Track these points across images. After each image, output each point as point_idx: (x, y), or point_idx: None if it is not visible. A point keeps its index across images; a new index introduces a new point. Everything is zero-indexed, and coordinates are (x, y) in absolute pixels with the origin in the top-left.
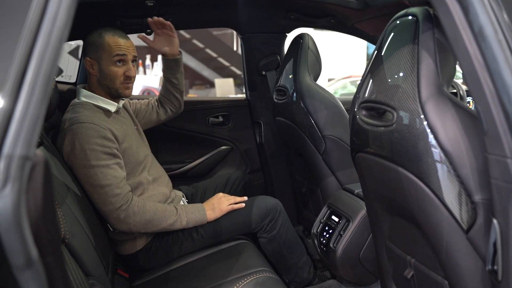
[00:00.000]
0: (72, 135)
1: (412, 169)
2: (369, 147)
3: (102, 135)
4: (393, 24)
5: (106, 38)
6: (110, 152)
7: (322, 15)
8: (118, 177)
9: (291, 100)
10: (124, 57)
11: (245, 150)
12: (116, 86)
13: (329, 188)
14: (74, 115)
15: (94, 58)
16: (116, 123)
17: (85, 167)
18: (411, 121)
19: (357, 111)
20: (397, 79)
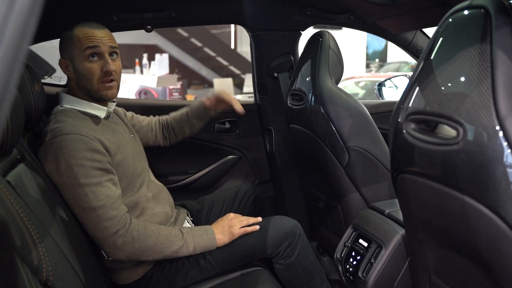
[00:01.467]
0: (55, 150)
1: (484, 200)
2: (420, 168)
3: (91, 147)
4: (451, 20)
5: (75, 31)
6: (102, 167)
7: (342, 11)
8: (112, 196)
9: (310, 105)
10: (97, 49)
11: (254, 160)
12: (94, 86)
13: (352, 206)
14: (56, 125)
15: (67, 57)
16: (107, 131)
17: (73, 186)
18: (485, 140)
19: (404, 124)
20: (461, 87)
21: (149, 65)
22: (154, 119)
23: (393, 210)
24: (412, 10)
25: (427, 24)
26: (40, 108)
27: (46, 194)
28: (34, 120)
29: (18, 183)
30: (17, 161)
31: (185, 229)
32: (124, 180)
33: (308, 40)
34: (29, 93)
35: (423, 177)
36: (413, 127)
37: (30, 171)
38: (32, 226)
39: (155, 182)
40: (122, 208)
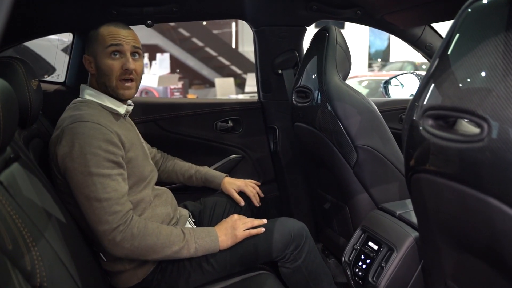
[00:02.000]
0: (72, 135)
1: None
2: (438, 167)
3: (108, 138)
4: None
5: (101, 30)
6: (115, 160)
7: (348, 6)
8: (119, 191)
9: (316, 103)
10: (120, 47)
11: (258, 159)
12: (112, 83)
13: (360, 207)
14: (76, 112)
15: (91, 53)
16: (124, 128)
17: (83, 173)
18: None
19: (420, 120)
20: (484, 80)
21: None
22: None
23: (404, 212)
24: (422, 4)
25: (438, 19)
26: (36, 105)
27: (41, 194)
28: (30, 117)
29: (11, 183)
30: (11, 160)
31: (187, 229)
32: (132, 179)
33: (314, 35)
34: (24, 89)
35: (441, 177)
36: (431, 123)
37: (24, 170)
38: (25, 229)
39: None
40: (127, 205)
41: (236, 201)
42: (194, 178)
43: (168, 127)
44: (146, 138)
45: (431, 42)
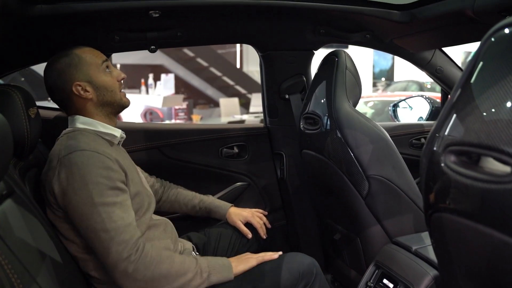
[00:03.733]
0: (69, 167)
1: None
2: (463, 208)
3: (107, 165)
4: (494, 39)
5: (79, 53)
6: (118, 187)
7: (358, 29)
8: (126, 218)
9: (325, 130)
10: (108, 62)
11: (264, 187)
12: (117, 96)
13: (373, 240)
14: (71, 141)
15: (83, 78)
16: (120, 154)
17: (86, 205)
18: None
19: (442, 156)
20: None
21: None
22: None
23: (421, 247)
24: (433, 28)
25: (449, 43)
26: (34, 135)
27: (35, 234)
28: (27, 148)
29: (2, 224)
30: (3, 197)
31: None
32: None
33: (323, 60)
34: (21, 119)
35: (466, 218)
36: (453, 160)
37: (18, 207)
38: (14, 275)
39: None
40: (136, 232)
41: (243, 233)
42: (198, 208)
43: (171, 154)
44: (149, 166)
45: (442, 66)
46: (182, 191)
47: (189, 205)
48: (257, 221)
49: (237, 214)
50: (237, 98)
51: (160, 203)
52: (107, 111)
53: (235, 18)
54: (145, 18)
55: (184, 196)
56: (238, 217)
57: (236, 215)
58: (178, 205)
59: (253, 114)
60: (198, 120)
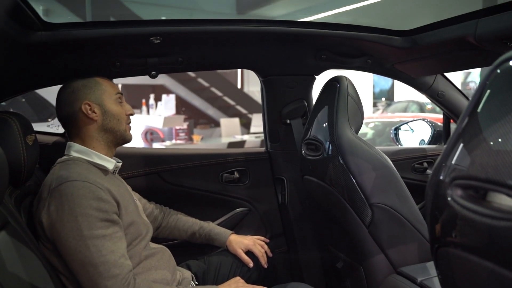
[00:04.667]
0: (59, 198)
1: None
2: (471, 243)
3: (98, 195)
4: (499, 71)
5: (97, 79)
6: (108, 218)
7: (359, 55)
8: (116, 252)
9: (327, 156)
10: (122, 96)
11: (265, 212)
12: (122, 127)
13: (377, 269)
14: (62, 172)
15: (94, 100)
16: (114, 184)
17: (75, 238)
18: None
19: (448, 190)
20: None
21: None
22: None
23: (426, 278)
24: (434, 54)
25: (452, 68)
26: (31, 163)
27: (28, 268)
28: (23, 176)
29: None
30: None
31: None
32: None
33: (324, 86)
34: (18, 146)
35: (475, 254)
36: (460, 194)
37: (12, 240)
38: None
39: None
40: (126, 265)
41: (245, 262)
42: (198, 235)
43: (171, 179)
44: (148, 191)
45: (443, 90)
46: (182, 217)
47: (188, 231)
48: (259, 250)
49: (238, 242)
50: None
51: (160, 229)
52: (108, 138)
53: (236, 44)
54: (146, 44)
55: (183, 222)
56: (239, 245)
57: (237, 243)
58: (177, 232)
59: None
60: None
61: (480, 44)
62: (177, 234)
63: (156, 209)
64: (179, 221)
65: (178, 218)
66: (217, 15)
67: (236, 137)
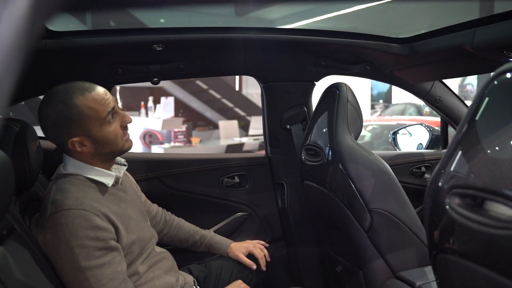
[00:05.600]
0: (55, 227)
1: None
2: (469, 251)
3: (94, 224)
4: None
5: (79, 103)
6: (105, 246)
7: (358, 61)
8: (116, 278)
9: (327, 162)
10: (114, 110)
11: (265, 217)
12: (118, 146)
13: (376, 274)
14: (58, 196)
15: (81, 134)
16: (113, 202)
17: (73, 269)
18: None
19: (446, 198)
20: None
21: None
22: (161, 213)
23: (424, 283)
24: (432, 61)
25: (450, 75)
26: (35, 169)
27: (36, 277)
28: (28, 182)
29: (2, 267)
30: (4, 236)
31: None
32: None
33: (324, 92)
34: (23, 154)
35: (473, 262)
36: (458, 202)
37: (18, 247)
38: None
39: (157, 249)
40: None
41: (247, 265)
42: (199, 243)
43: (172, 184)
44: (150, 196)
45: (441, 96)
46: (183, 225)
47: (189, 240)
48: (259, 252)
49: (239, 247)
50: (236, 121)
51: (161, 236)
52: (105, 158)
53: (237, 51)
54: (148, 52)
55: (185, 231)
56: (240, 249)
57: (238, 248)
58: (178, 240)
59: (252, 136)
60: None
61: (477, 52)
62: (178, 242)
63: (159, 214)
64: (180, 230)
65: (180, 226)
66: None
67: (235, 139)
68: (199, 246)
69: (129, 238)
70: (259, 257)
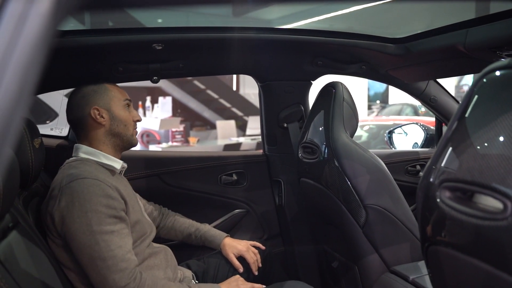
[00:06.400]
0: (70, 194)
1: None
2: (458, 242)
3: (107, 193)
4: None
5: (107, 85)
6: (116, 215)
7: (354, 61)
8: (124, 247)
9: (323, 159)
10: (130, 102)
11: (262, 213)
12: (129, 132)
13: (371, 268)
14: (72, 171)
15: (103, 105)
16: (121, 184)
17: (84, 233)
18: None
19: (438, 192)
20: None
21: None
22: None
23: (418, 276)
24: (427, 61)
25: (444, 75)
26: (38, 165)
27: (39, 265)
28: (31, 178)
29: (8, 257)
30: (9, 229)
31: (194, 285)
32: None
33: (320, 91)
34: (27, 150)
35: (462, 253)
36: (448, 195)
37: (23, 239)
38: None
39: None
40: (133, 260)
41: (235, 267)
42: (194, 236)
43: (171, 182)
44: (149, 193)
45: (436, 95)
46: (179, 218)
47: (185, 233)
48: (251, 257)
49: (232, 246)
50: (234, 121)
51: (158, 229)
52: (115, 142)
53: (235, 50)
54: (148, 51)
55: (180, 224)
56: (232, 249)
57: (230, 247)
58: (174, 233)
59: (250, 136)
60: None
61: (470, 52)
62: (174, 234)
63: (155, 210)
64: (176, 222)
65: (176, 219)
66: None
67: (232, 139)
68: (194, 239)
69: (134, 216)
70: (251, 262)
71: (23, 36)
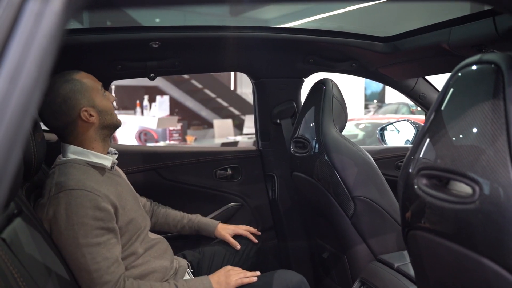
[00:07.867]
0: (58, 205)
1: (505, 263)
2: (433, 226)
3: (95, 204)
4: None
5: (79, 78)
6: (103, 226)
7: (344, 59)
8: (110, 258)
9: (314, 153)
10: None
11: (256, 207)
12: (115, 118)
13: (359, 258)
14: (61, 178)
15: (88, 104)
16: (112, 184)
17: (71, 246)
18: (504, 200)
19: (415, 179)
20: (475, 143)
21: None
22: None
23: (402, 264)
24: (414, 59)
25: (430, 72)
26: (39, 158)
27: (43, 251)
28: (33, 170)
29: (13, 240)
30: (14, 215)
31: (180, 282)
32: (126, 235)
33: (311, 88)
34: (29, 143)
35: (437, 235)
36: (425, 183)
37: (27, 226)
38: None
39: (152, 236)
40: (118, 270)
41: (232, 245)
42: (187, 227)
43: (168, 176)
44: (146, 186)
45: (424, 92)
46: (170, 212)
47: (178, 225)
48: (245, 229)
49: (225, 228)
50: (231, 120)
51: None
52: (105, 134)
53: (230, 49)
54: (145, 49)
55: (173, 217)
56: (227, 230)
57: (224, 229)
58: (167, 227)
59: (247, 135)
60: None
61: (453, 50)
62: (167, 228)
63: (147, 202)
64: (168, 216)
65: (167, 213)
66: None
67: (229, 138)
68: (188, 230)
69: (127, 217)
70: (246, 234)
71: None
